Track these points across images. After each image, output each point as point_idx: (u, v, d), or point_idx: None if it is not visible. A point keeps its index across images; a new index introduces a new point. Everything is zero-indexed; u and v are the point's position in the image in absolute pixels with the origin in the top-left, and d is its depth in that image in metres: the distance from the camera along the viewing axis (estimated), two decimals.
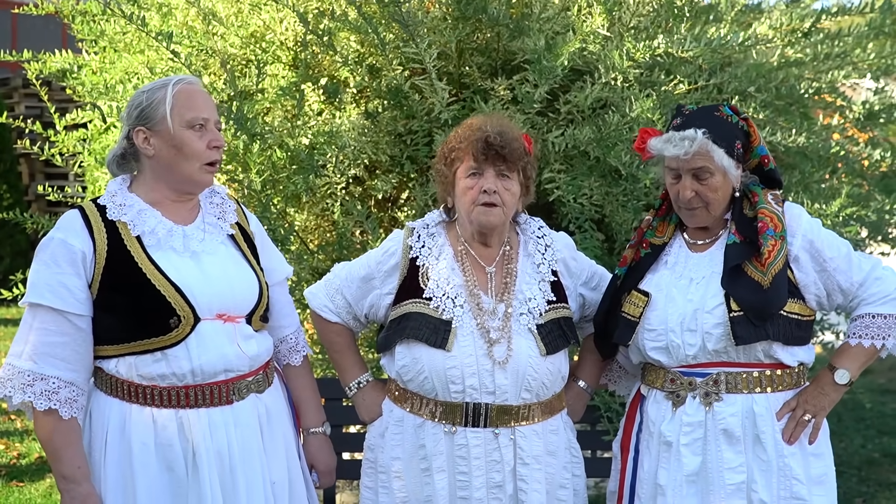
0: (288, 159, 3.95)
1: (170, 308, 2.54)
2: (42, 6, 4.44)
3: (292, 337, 2.90)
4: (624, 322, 2.83)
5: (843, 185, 4.22)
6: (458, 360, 2.74)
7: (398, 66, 3.77)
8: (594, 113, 3.82)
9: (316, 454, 2.92)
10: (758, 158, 2.81)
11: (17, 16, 4.82)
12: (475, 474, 2.76)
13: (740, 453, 2.72)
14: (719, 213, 2.79)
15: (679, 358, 2.76)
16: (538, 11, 3.85)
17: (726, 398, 2.73)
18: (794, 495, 2.72)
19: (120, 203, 2.63)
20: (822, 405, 2.78)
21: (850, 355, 2.80)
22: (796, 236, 2.74)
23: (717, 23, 4.07)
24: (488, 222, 2.79)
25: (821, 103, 4.63)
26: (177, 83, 2.64)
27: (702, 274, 2.78)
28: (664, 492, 2.77)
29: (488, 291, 2.83)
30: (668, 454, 2.78)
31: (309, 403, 2.92)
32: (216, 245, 2.69)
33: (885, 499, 5.20)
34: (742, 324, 2.67)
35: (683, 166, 2.73)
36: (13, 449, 6.00)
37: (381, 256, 2.91)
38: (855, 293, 2.77)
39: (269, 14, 4.07)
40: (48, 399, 2.53)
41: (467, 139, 2.80)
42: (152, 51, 4.17)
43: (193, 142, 2.61)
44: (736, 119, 2.77)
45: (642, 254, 2.88)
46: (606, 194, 3.84)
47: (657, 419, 2.81)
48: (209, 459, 2.58)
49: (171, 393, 2.57)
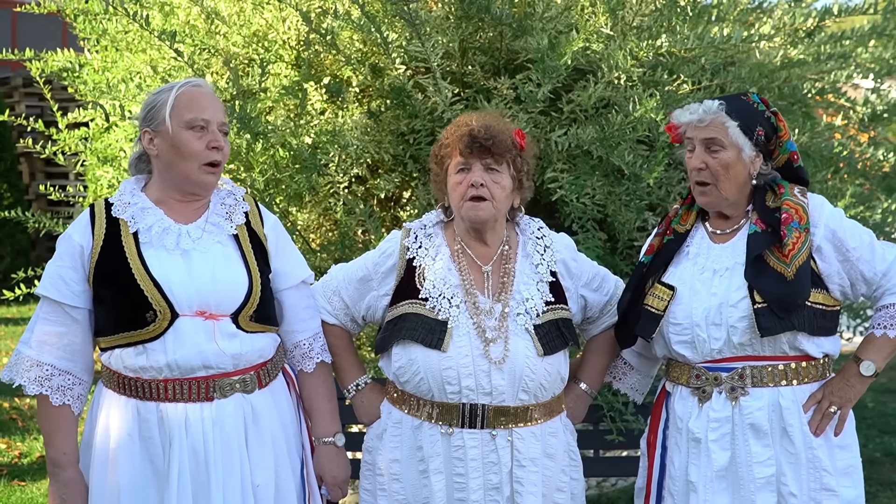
0: (291, 158, 3.95)
1: (147, 303, 2.62)
2: (44, 5, 4.44)
3: (306, 343, 2.88)
4: (647, 315, 2.83)
5: (846, 186, 4.22)
6: (453, 360, 2.74)
7: (401, 65, 3.77)
8: (597, 112, 3.82)
9: (324, 465, 2.89)
10: (787, 154, 2.82)
11: (18, 14, 4.82)
12: (472, 476, 2.75)
13: (768, 447, 2.73)
14: (731, 195, 2.79)
15: (704, 353, 2.77)
16: (541, 11, 3.84)
17: (752, 392, 2.73)
18: (823, 486, 2.73)
19: (126, 201, 2.73)
20: (848, 397, 2.77)
21: (875, 346, 2.80)
22: (819, 226, 2.74)
23: (719, 22, 4.07)
24: (478, 217, 2.78)
25: (823, 103, 4.63)
26: (182, 86, 2.71)
27: (724, 265, 2.79)
28: (696, 488, 2.78)
29: (485, 291, 2.82)
30: (697, 451, 2.79)
31: (319, 412, 2.89)
32: (211, 244, 2.72)
33: (886, 498, 5.20)
34: (767, 315, 2.67)
35: (697, 136, 2.77)
36: (15, 448, 6.00)
37: (379, 257, 2.91)
38: (879, 282, 2.77)
39: (271, 13, 4.07)
40: (40, 385, 2.68)
41: (454, 135, 2.80)
42: (154, 50, 4.17)
43: (191, 142, 2.66)
44: (763, 108, 2.79)
45: (665, 240, 2.89)
46: (609, 194, 3.84)
47: (684, 416, 2.82)
48: (182, 454, 2.62)
49: (152, 385, 2.64)
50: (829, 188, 4.33)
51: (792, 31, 3.94)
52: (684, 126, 2.80)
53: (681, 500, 2.83)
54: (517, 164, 2.81)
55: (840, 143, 4.18)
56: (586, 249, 3.64)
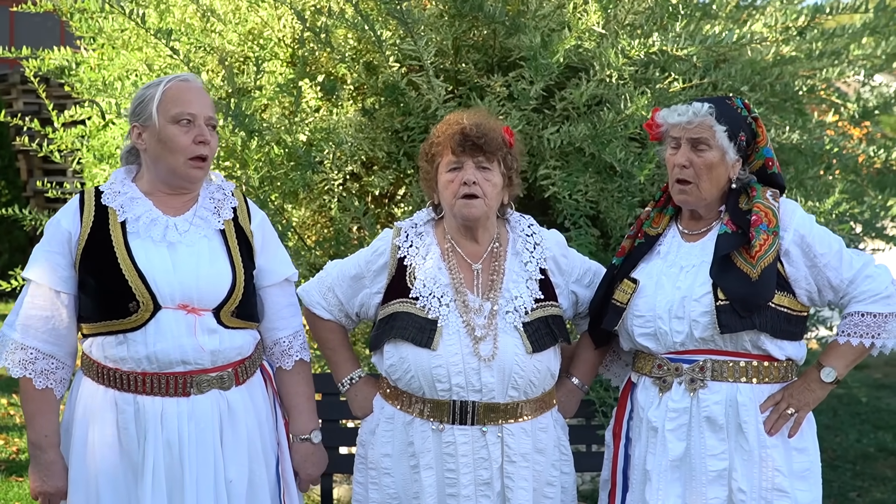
0: (285, 156, 3.97)
1: (130, 293, 2.63)
2: (40, 3, 4.45)
3: (286, 340, 2.89)
4: (613, 308, 2.86)
5: (838, 182, 4.24)
6: (443, 358, 2.76)
7: (395, 62, 3.79)
8: (589, 110, 3.84)
9: (300, 462, 2.91)
10: (762, 160, 2.84)
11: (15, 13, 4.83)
12: (463, 472, 2.78)
13: (723, 441, 2.74)
14: (709, 196, 2.81)
15: (667, 344, 2.79)
16: (534, 9, 3.87)
17: (711, 385, 2.75)
18: (775, 486, 2.73)
19: (116, 190, 2.75)
20: (807, 401, 2.79)
21: (838, 353, 2.81)
22: (788, 231, 2.76)
23: (711, 20, 4.09)
24: (470, 214, 2.80)
25: (815, 100, 4.65)
26: (170, 81, 2.72)
27: (692, 262, 2.81)
28: (650, 477, 2.80)
29: (474, 289, 2.84)
30: (654, 440, 2.81)
31: (298, 409, 2.91)
32: (198, 238, 2.74)
33: (879, 493, 5.23)
34: (728, 313, 2.69)
35: (684, 135, 2.78)
36: (12, 444, 6.02)
37: (371, 256, 2.93)
38: (845, 290, 2.77)
39: (266, 11, 4.08)
40: (23, 368, 2.69)
41: (445, 134, 2.82)
42: (150, 48, 4.19)
43: (178, 136, 2.68)
44: (745, 113, 2.81)
45: (636, 244, 2.91)
46: (601, 191, 3.87)
47: (646, 405, 2.84)
48: (156, 448, 2.65)
49: (130, 377, 2.66)
50: (821, 184, 4.36)
51: (784, 29, 3.96)
52: (669, 126, 2.82)
53: (638, 489, 2.85)
54: (507, 161, 2.83)
55: (831, 140, 4.20)
56: (579, 246, 3.66)
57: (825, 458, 5.68)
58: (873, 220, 4.44)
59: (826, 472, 5.43)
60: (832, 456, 5.82)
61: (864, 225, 4.46)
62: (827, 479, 5.32)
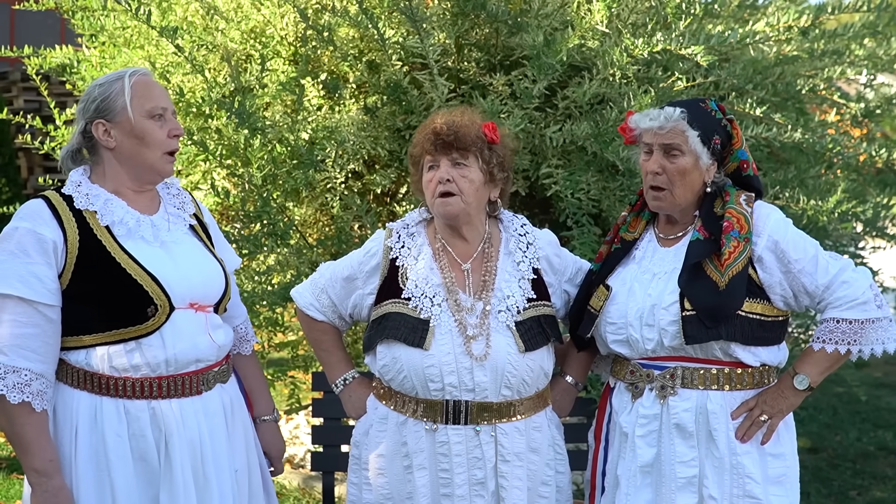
0: (288, 154, 3.97)
1: (146, 297, 2.56)
2: (42, 1, 4.45)
3: (242, 327, 2.94)
4: (588, 315, 2.85)
5: (839, 181, 4.24)
6: (436, 358, 2.76)
7: (397, 61, 3.79)
8: (592, 108, 3.85)
9: (270, 441, 2.96)
10: (737, 162, 2.80)
11: (16, 10, 4.83)
12: (457, 471, 2.78)
13: (693, 448, 2.72)
14: (684, 202, 2.78)
15: (639, 351, 2.78)
16: (537, 7, 3.87)
17: (681, 393, 2.73)
18: (747, 493, 2.71)
19: (86, 193, 2.63)
20: (780, 407, 2.75)
21: (812, 360, 2.77)
22: (762, 236, 2.72)
23: (713, 19, 4.09)
24: (448, 213, 2.80)
25: (817, 99, 4.66)
26: (132, 75, 2.65)
27: (664, 269, 2.79)
28: (619, 482, 2.80)
29: (466, 289, 2.85)
30: (625, 445, 2.80)
31: (261, 391, 2.97)
32: (182, 235, 2.72)
33: (879, 491, 5.24)
34: (693, 323, 2.66)
35: (656, 141, 2.75)
36: None
37: (363, 257, 2.93)
38: (821, 296, 2.72)
39: (269, 9, 4.09)
40: (21, 392, 2.50)
41: (422, 135, 2.84)
42: (152, 46, 4.19)
43: (154, 131, 2.63)
44: (720, 116, 2.78)
45: (613, 249, 2.90)
46: (604, 189, 3.87)
47: (619, 410, 2.83)
48: (182, 449, 2.60)
49: (143, 384, 2.58)
50: (822, 183, 4.36)
51: (786, 29, 3.97)
52: (642, 130, 2.79)
53: (610, 493, 2.85)
54: (485, 156, 2.81)
55: (833, 139, 4.20)
56: (581, 244, 3.68)
57: (825, 457, 5.72)
58: (875, 220, 4.44)
59: (826, 471, 5.49)
60: (832, 454, 5.83)
61: (866, 224, 4.47)
62: (827, 478, 5.37)
